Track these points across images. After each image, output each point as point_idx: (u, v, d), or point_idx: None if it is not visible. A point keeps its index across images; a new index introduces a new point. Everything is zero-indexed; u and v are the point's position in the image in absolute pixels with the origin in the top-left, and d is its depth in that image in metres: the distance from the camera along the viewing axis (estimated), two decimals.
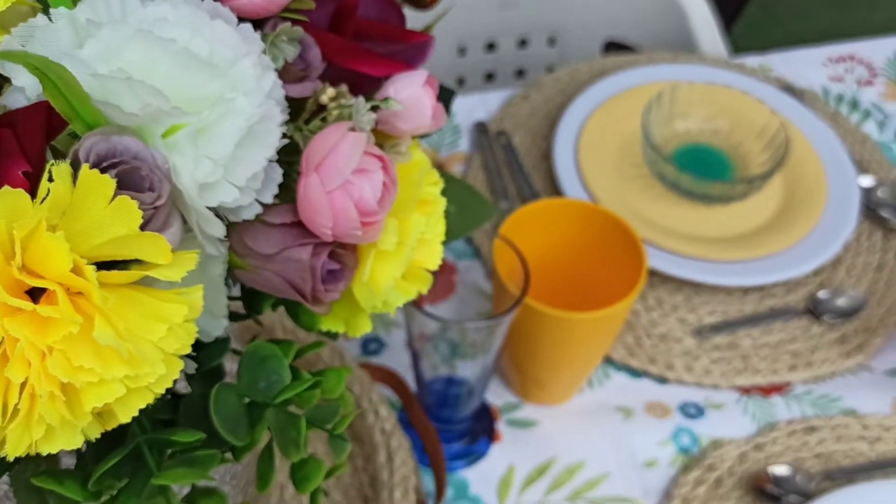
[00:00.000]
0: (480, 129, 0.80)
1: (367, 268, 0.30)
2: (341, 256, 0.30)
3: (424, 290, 0.33)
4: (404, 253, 0.30)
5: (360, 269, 0.30)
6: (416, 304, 0.53)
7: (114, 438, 0.30)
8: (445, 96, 0.46)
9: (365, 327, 0.33)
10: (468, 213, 0.41)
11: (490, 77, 1.04)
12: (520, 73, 1.04)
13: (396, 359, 0.64)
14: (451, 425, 0.59)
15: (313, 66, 0.31)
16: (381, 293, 0.30)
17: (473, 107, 0.83)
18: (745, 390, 0.65)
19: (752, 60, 0.87)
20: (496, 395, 0.64)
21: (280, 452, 0.30)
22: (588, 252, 0.60)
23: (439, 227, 0.32)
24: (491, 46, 1.03)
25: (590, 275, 0.60)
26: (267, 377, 0.31)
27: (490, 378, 0.57)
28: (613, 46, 1.02)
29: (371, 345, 0.66)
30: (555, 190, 0.74)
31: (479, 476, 0.59)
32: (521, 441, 0.61)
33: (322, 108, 0.31)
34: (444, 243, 0.43)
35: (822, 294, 0.69)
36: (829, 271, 0.71)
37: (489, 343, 0.53)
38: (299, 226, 0.29)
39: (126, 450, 0.28)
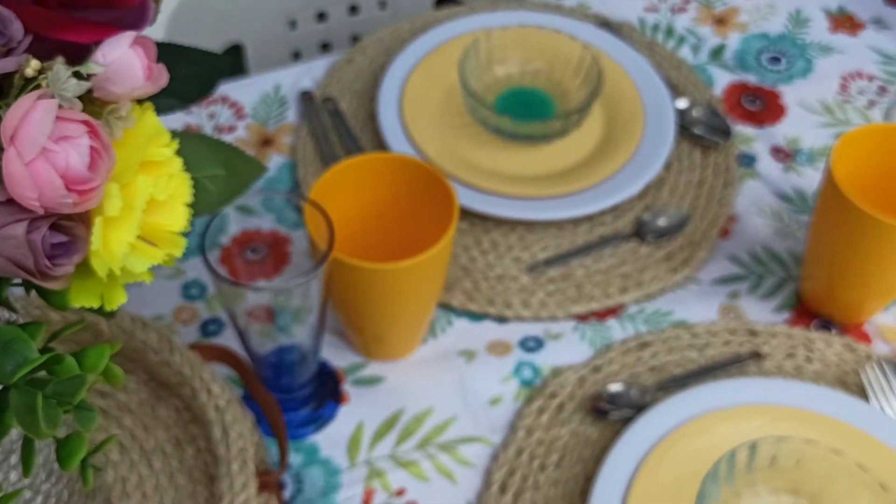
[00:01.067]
0: (306, 97, 0.79)
1: (97, 235, 0.30)
2: (69, 228, 0.30)
3: (177, 254, 0.33)
4: (133, 217, 0.30)
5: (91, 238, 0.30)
6: (234, 279, 0.53)
7: None
8: (220, 63, 0.46)
9: (119, 299, 0.32)
10: (237, 175, 0.40)
11: (326, 47, 1.04)
12: (355, 40, 1.03)
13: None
14: (294, 393, 0.60)
15: (15, 39, 0.31)
16: (116, 260, 0.30)
17: (299, 77, 0.82)
18: (582, 317, 0.67)
19: (570, 1, 0.89)
20: (340, 358, 0.64)
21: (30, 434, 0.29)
22: (407, 204, 0.61)
23: (174, 188, 0.32)
24: (322, 16, 1.02)
25: (412, 225, 0.61)
26: (14, 360, 0.30)
27: (321, 340, 0.57)
28: (444, 2, 1.03)
29: (210, 326, 0.65)
30: (383, 149, 0.74)
31: (329, 438, 0.60)
32: (367, 398, 0.62)
33: (31, 81, 0.30)
34: (219, 207, 0.43)
35: (646, 216, 0.71)
36: (654, 194, 0.74)
37: (308, 303, 0.53)
38: (12, 203, 0.28)
39: None
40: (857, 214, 0.58)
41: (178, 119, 0.78)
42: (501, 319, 0.67)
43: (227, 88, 0.81)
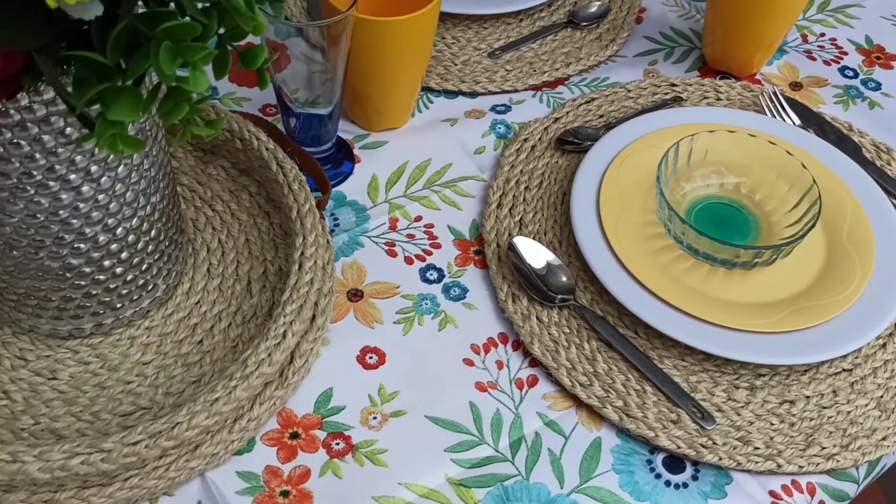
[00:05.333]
0: None
1: None
2: None
3: None
4: None
5: None
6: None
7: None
8: None
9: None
10: None
11: None
12: None
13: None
14: (319, 154, 0.71)
15: None
16: None
17: None
18: (536, 88, 0.81)
19: None
20: (347, 133, 0.76)
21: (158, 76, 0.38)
22: None
23: None
24: None
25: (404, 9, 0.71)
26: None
27: (339, 105, 0.69)
28: None
29: None
30: None
31: (351, 187, 0.72)
32: (376, 158, 0.74)
33: None
34: None
35: (576, 7, 0.86)
36: None
37: (336, 51, 0.64)
38: None
39: (122, 24, 0.36)
40: None
41: None
42: (473, 94, 0.80)
43: None
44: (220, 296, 0.61)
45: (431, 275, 0.67)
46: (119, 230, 0.52)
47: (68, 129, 0.45)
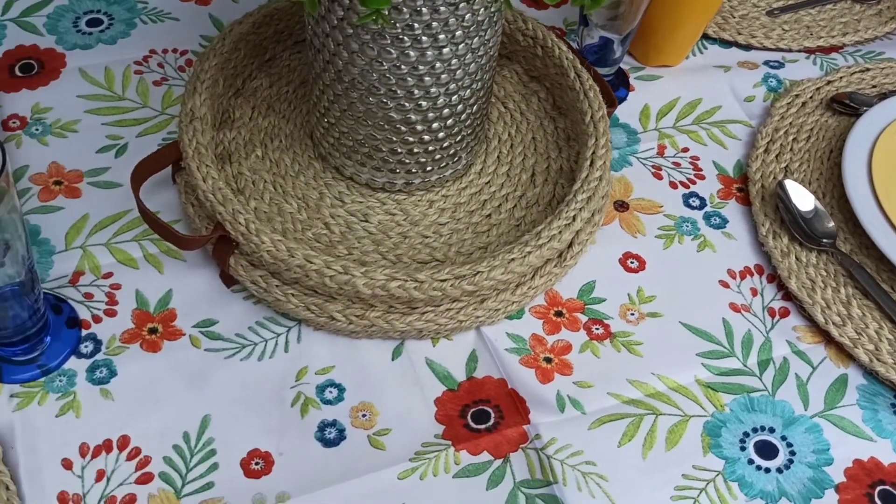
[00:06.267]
0: None
1: None
2: None
3: None
4: None
5: None
6: None
7: None
8: None
9: None
10: None
11: None
12: None
13: None
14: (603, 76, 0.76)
15: None
16: None
17: None
18: (811, 51, 0.83)
19: None
20: (623, 64, 0.80)
21: None
22: None
23: None
24: None
25: None
26: None
27: (633, 33, 0.73)
28: None
29: None
30: None
31: (624, 112, 0.76)
32: (649, 89, 0.78)
33: None
34: None
35: None
36: None
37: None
38: None
39: None
40: None
41: None
42: (747, 47, 0.83)
43: None
44: (508, 181, 0.67)
45: (693, 202, 0.71)
46: (454, 97, 0.59)
47: None
